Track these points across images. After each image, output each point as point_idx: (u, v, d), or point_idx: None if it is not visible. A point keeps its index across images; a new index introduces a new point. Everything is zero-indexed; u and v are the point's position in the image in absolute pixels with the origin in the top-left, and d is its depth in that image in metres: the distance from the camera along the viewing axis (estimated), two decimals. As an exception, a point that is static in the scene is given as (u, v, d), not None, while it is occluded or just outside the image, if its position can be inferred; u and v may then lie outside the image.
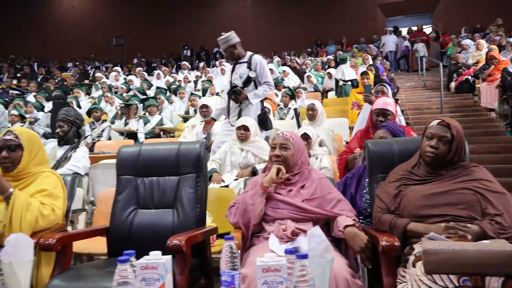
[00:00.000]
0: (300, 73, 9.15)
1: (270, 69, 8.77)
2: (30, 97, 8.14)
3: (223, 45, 3.85)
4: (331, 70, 8.29)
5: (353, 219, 1.92)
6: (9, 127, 4.92)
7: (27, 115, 6.27)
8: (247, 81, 3.84)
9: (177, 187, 2.28)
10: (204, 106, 4.31)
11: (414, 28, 13.48)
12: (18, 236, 1.17)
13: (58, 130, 3.43)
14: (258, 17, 16.61)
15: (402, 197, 1.91)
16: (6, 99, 7.43)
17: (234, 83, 3.87)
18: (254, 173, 3.58)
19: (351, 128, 5.07)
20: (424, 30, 13.37)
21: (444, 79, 8.03)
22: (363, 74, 5.35)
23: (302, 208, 2.01)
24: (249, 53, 3.90)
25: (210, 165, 3.59)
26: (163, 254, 1.27)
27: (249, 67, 3.84)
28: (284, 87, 7.97)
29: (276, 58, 11.03)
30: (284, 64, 10.31)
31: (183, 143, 2.41)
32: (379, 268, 1.75)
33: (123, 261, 1.07)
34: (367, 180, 2.41)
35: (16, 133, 2.05)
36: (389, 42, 13.09)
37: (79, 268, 2.02)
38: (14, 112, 5.59)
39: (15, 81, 10.92)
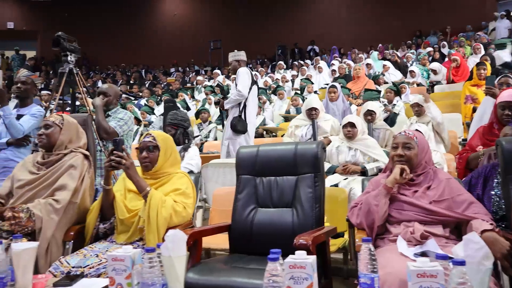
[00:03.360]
0: (401, 67, 8.73)
1: (368, 64, 8.57)
2: (142, 102, 8.88)
3: (231, 58, 4.60)
4: (434, 65, 7.76)
5: (490, 223, 1.79)
6: (148, 131, 5.43)
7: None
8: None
9: (295, 187, 2.32)
10: (313, 109, 4.32)
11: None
12: (175, 232, 1.28)
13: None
14: (351, 11, 16.17)
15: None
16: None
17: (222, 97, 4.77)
18: (363, 172, 3.50)
19: (466, 124, 4.70)
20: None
21: None
22: (480, 64, 4.92)
23: (430, 210, 1.92)
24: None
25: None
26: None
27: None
28: (385, 82, 7.68)
29: (375, 52, 10.64)
30: (384, 58, 9.90)
31: (300, 143, 2.44)
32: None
33: (273, 260, 1.11)
34: (495, 180, 2.23)
35: (154, 135, 2.24)
36: (501, 28, 11.86)
37: (207, 263, 2.15)
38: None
39: (127, 87, 11.97)
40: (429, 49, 10.22)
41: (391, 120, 5.24)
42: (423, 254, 1.74)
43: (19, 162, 2.42)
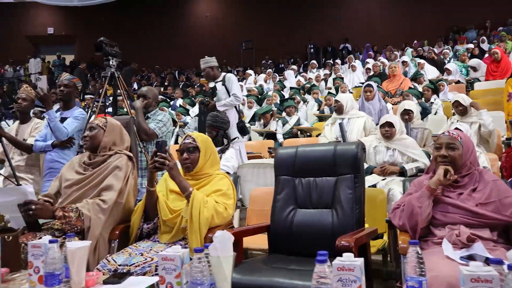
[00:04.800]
0: (438, 64, 8.49)
1: (404, 61, 8.40)
2: (178, 103, 9.04)
3: (203, 65, 4.68)
4: (473, 62, 7.49)
5: (542, 227, 1.73)
6: (188, 133, 5.53)
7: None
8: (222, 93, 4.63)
9: (334, 188, 2.30)
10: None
11: None
12: (223, 232, 1.30)
13: (208, 135, 3.70)
14: (384, 7, 15.86)
15: None
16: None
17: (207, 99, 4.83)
18: (402, 173, 3.44)
19: (509, 123, 4.54)
20: None
21: None
22: (523, 60, 4.73)
23: (476, 213, 1.87)
24: (223, 74, 4.73)
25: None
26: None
27: (223, 84, 4.60)
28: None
29: (409, 50, 10.40)
30: (420, 56, 9.66)
31: (339, 144, 2.43)
32: None
33: (322, 262, 1.12)
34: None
35: (194, 136, 2.29)
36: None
37: (247, 263, 2.17)
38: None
39: (162, 89, 12.21)
40: (469, 45, 9.89)
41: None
42: (470, 257, 1.70)
43: (67, 163, 2.52)
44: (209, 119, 3.87)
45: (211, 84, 4.75)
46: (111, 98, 3.98)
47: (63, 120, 3.39)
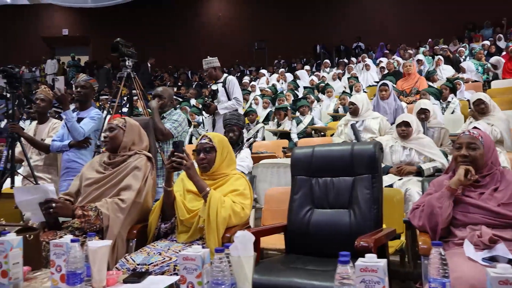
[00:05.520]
0: (454, 63, 8.38)
1: (419, 60, 8.31)
2: (191, 103, 9.07)
3: (205, 66, 4.70)
4: (494, 59, 7.35)
5: None
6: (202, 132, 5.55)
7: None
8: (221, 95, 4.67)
9: (352, 188, 2.29)
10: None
11: None
12: (244, 232, 1.30)
13: (231, 134, 3.70)
14: (398, 5, 15.71)
15: None
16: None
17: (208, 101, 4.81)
18: (419, 173, 3.40)
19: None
20: None
21: None
22: (543, 58, 4.64)
23: (498, 213, 1.84)
24: (225, 75, 4.75)
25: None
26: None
27: (223, 86, 4.63)
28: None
29: (422, 49, 10.27)
30: (434, 54, 9.55)
31: (356, 143, 2.42)
32: None
33: (344, 262, 1.11)
34: None
35: (210, 136, 2.29)
36: None
37: (265, 263, 2.17)
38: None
39: (175, 89, 12.27)
40: (485, 42, 9.72)
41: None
42: (492, 259, 1.68)
43: (88, 162, 2.54)
44: (231, 118, 3.86)
45: (214, 87, 4.78)
46: (125, 98, 4.02)
47: (79, 120, 3.43)
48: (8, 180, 3.34)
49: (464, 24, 13.61)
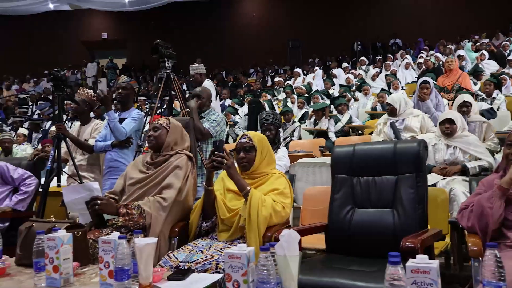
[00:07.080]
0: (498, 57, 8.03)
1: (460, 55, 8.02)
2: (226, 103, 9.15)
3: (192, 71, 4.90)
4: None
5: None
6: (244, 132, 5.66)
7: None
8: None
9: (395, 187, 2.23)
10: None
11: None
12: (290, 231, 1.29)
13: (267, 133, 3.69)
14: (437, 0, 15.23)
15: None
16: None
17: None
18: (464, 171, 3.27)
19: None
20: None
21: None
22: None
23: (554, 214, 1.74)
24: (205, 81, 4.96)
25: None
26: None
27: None
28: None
29: (469, 43, 9.87)
30: (477, 49, 9.18)
31: (399, 142, 2.36)
32: None
33: (395, 263, 1.08)
34: None
35: (250, 135, 2.30)
36: None
37: (306, 263, 2.14)
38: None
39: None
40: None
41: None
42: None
43: (131, 162, 2.61)
44: (267, 117, 3.86)
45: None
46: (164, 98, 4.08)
47: (121, 121, 3.51)
48: (55, 179, 3.46)
49: (508, 17, 12.99)
